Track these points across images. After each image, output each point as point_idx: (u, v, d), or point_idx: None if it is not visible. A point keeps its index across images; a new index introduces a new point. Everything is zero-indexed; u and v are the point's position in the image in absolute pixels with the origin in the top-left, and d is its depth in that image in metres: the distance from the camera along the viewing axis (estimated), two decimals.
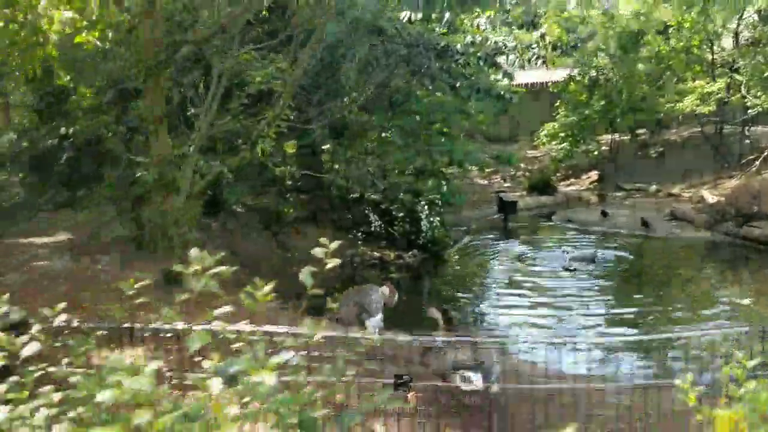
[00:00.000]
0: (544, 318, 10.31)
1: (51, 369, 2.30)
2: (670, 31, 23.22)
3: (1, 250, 9.07)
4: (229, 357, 2.06)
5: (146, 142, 8.70)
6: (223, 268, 2.02)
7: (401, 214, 14.64)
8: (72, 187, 9.77)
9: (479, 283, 13.32)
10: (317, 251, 2.39)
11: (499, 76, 11.04)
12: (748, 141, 21.44)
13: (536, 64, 11.28)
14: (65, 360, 2.50)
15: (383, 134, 13.15)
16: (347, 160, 13.61)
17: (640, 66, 23.41)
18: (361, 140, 12.48)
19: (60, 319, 2.29)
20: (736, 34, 21.75)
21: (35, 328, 2.33)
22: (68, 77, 10.69)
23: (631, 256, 14.23)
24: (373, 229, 14.08)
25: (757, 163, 18.33)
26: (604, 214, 17.72)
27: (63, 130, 9.78)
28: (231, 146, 7.51)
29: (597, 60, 24.11)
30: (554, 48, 10.68)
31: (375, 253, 14.08)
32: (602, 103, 24.43)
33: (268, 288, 2.35)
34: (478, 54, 10.12)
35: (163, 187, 6.88)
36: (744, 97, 18.50)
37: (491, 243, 16.26)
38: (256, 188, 13.36)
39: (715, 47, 22.63)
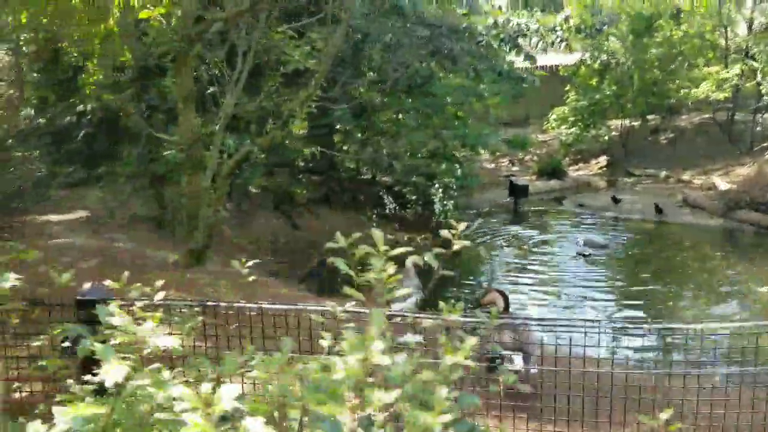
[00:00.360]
0: (556, 302, 10.28)
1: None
2: (681, 16, 23.01)
3: (19, 226, 9.03)
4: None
5: (167, 120, 8.63)
6: None
7: (414, 197, 14.60)
8: (89, 165, 9.70)
9: (491, 267, 13.30)
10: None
11: (520, 58, 10.91)
12: (759, 128, 21.33)
13: (560, 47, 11.16)
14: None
15: (398, 116, 13.04)
16: (362, 141, 13.54)
17: (653, 51, 23.22)
18: (378, 122, 12.38)
19: (158, 297, 2.23)
20: (751, 20, 21.54)
21: (113, 305, 2.27)
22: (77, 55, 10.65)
23: (645, 242, 14.20)
24: (387, 211, 14.01)
25: None
26: (615, 200, 17.65)
27: (81, 107, 9.69)
28: (262, 126, 7.41)
29: (608, 44, 23.92)
30: (578, 31, 10.53)
31: (388, 235, 14.03)
32: (613, 87, 24.26)
33: None
34: (501, 36, 9.99)
35: (191, 167, 6.81)
36: (759, 83, 18.33)
37: (503, 227, 16.21)
38: (269, 168, 13.31)
39: (729, 33, 22.43)
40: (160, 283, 2.32)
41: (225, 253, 10.43)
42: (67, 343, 2.35)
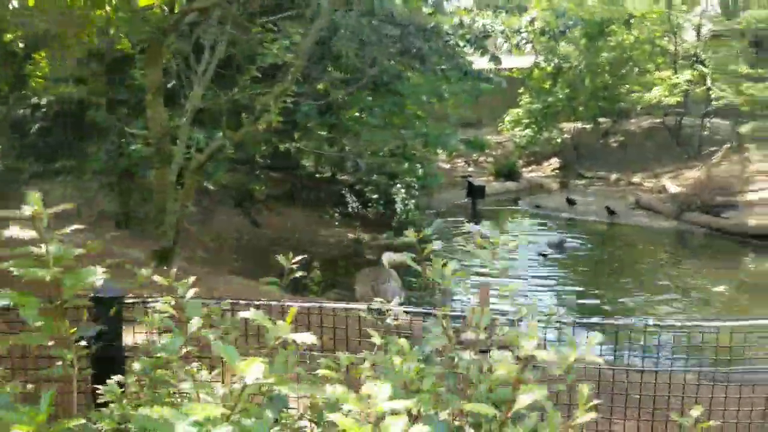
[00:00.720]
0: (516, 301, 10.29)
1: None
2: (631, 22, 23.62)
3: None
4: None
5: (132, 113, 8.34)
6: None
7: (375, 196, 14.54)
8: (45, 159, 9.29)
9: (452, 266, 13.31)
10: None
11: (485, 59, 10.97)
12: (707, 133, 22.05)
13: (525, 48, 11.30)
14: None
15: (362, 114, 12.97)
16: (325, 138, 13.41)
17: (604, 55, 23.77)
18: (344, 119, 12.28)
19: (189, 294, 2.10)
20: (698, 27, 22.25)
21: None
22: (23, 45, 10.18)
23: (600, 243, 14.49)
24: (350, 210, 13.92)
25: (719, 154, 18.83)
26: (570, 201, 17.94)
27: (35, 99, 9.29)
28: (236, 120, 7.20)
29: (561, 48, 24.35)
30: (542, 33, 10.68)
31: (350, 234, 13.95)
32: (566, 90, 24.76)
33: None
34: (467, 36, 10.02)
35: (159, 161, 6.58)
36: (708, 89, 18.95)
37: (462, 227, 16.29)
38: (230, 165, 13.07)
39: (677, 39, 23.12)
40: (192, 278, 2.19)
41: (190, 250, 10.19)
42: (83, 343, 2.19)
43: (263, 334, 3.12)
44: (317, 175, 16.80)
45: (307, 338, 1.32)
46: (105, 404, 2.08)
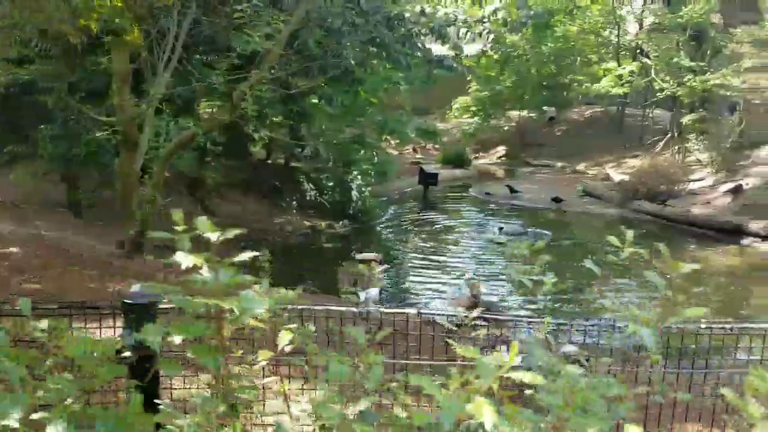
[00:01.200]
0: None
1: None
2: (576, 13, 24.13)
3: None
4: None
5: (91, 100, 7.99)
6: None
7: (331, 184, 14.43)
8: None
9: (408, 254, 13.36)
10: None
11: (446, 48, 10.99)
12: (647, 122, 22.77)
13: (488, 38, 11.36)
14: None
15: (319, 102, 12.81)
16: (280, 125, 13.19)
17: (550, 44, 24.19)
18: (308, 107, 12.12)
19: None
20: (641, 19, 22.87)
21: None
22: None
23: (551, 230, 14.76)
24: (308, 198, 13.77)
25: (661, 144, 19.46)
26: (511, 189, 18.13)
27: None
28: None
29: (508, 37, 24.65)
30: (505, 24, 10.75)
31: (306, 222, 13.81)
32: (513, 79, 25.11)
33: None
34: (431, 25, 10.00)
35: (126, 149, 6.34)
36: (653, 80, 19.52)
37: (416, 214, 16.38)
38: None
39: (620, 31, 23.72)
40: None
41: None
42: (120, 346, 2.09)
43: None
44: (268, 162, 16.55)
45: None
46: None
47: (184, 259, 1.39)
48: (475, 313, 2.55)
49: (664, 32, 19.73)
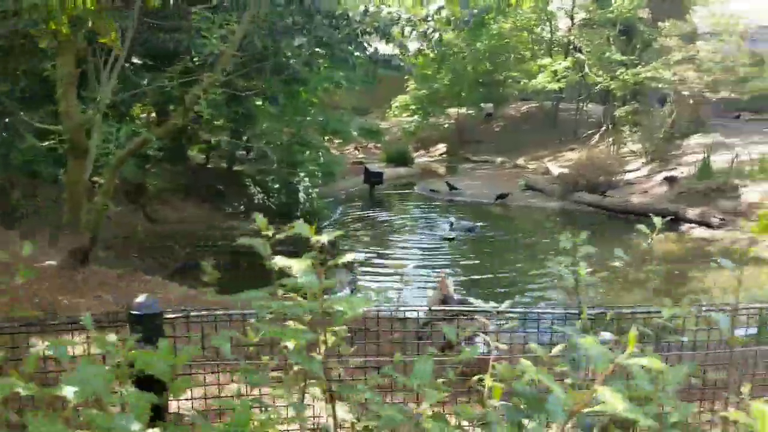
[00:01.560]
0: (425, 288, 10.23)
1: None
2: (508, 10, 24.56)
3: None
4: None
5: (27, 105, 7.63)
6: None
7: (276, 186, 14.24)
8: None
9: (360, 253, 13.32)
10: None
11: (390, 47, 11.00)
12: (580, 116, 23.40)
13: (433, 37, 11.39)
14: None
15: (262, 103, 12.62)
16: (226, 129, 12.93)
17: (485, 42, 24.55)
18: (252, 108, 11.90)
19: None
20: (572, 15, 23.46)
21: None
22: None
23: (497, 224, 14.98)
24: (256, 201, 13.55)
25: (596, 137, 20.02)
26: (450, 186, 18.33)
27: None
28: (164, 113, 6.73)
29: (444, 35, 24.88)
30: (448, 22, 10.82)
31: (253, 225, 13.57)
32: (450, 77, 25.38)
33: None
34: (375, 24, 9.98)
35: (74, 156, 6.07)
36: (586, 75, 20.05)
37: (363, 213, 16.34)
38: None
39: (552, 27, 24.30)
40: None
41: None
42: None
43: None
44: (208, 166, 16.24)
45: None
46: None
47: (292, 263, 1.33)
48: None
49: (594, 28, 20.30)
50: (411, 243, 13.16)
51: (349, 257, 5.52)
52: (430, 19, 10.48)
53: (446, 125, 26.25)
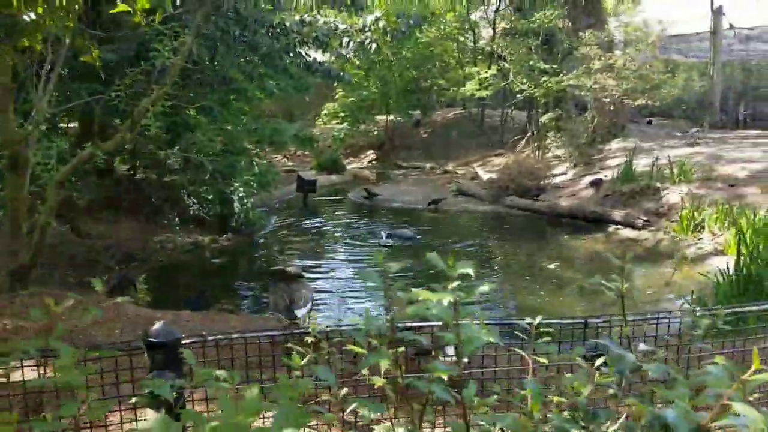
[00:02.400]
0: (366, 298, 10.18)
1: None
2: (431, 19, 25.02)
3: None
4: None
5: None
6: None
7: (210, 197, 13.98)
8: None
9: (296, 263, 13.23)
10: None
11: (326, 56, 11.04)
12: (506, 122, 24.07)
13: (370, 48, 11.48)
14: None
15: (197, 113, 12.39)
16: (155, 138, 12.59)
17: (411, 50, 24.91)
18: (190, 119, 11.66)
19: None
20: (494, 25, 24.12)
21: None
22: None
23: (433, 230, 15.20)
24: (192, 212, 13.26)
25: (522, 142, 20.62)
26: (369, 194, 18.47)
27: None
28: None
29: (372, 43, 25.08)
30: (385, 32, 10.94)
31: (188, 238, 13.28)
32: (378, 85, 25.60)
33: None
34: (314, 34, 9.97)
35: (12, 172, 5.80)
36: (511, 83, 20.63)
37: (298, 222, 16.26)
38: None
39: (476, 36, 24.90)
40: None
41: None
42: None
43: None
44: (137, 177, 15.78)
45: None
46: None
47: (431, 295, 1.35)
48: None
49: (517, 37, 20.93)
50: (348, 252, 13.19)
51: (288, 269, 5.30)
52: (367, 29, 10.57)
53: (375, 132, 26.44)
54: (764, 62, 25.34)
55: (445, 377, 1.44)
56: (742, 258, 7.70)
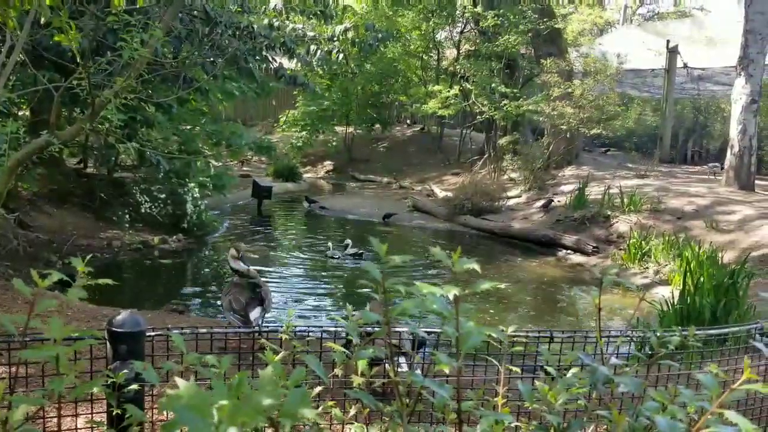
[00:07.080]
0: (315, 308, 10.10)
1: None
2: (396, 34, 25.23)
3: None
4: None
5: None
6: None
7: (162, 196, 13.71)
8: None
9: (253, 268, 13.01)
10: None
11: (293, 63, 10.97)
12: (464, 142, 24.35)
13: (338, 57, 11.43)
14: None
15: (156, 111, 12.16)
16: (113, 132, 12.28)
17: (375, 64, 25.03)
18: (152, 117, 11.42)
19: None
20: (458, 45, 24.44)
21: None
22: None
23: (388, 244, 15.19)
24: (143, 210, 12.96)
25: (479, 163, 20.86)
26: (309, 201, 18.50)
27: None
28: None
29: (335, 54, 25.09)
30: (353, 44, 10.95)
31: (137, 237, 12.97)
32: (339, 96, 25.61)
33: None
34: (282, 39, 9.91)
35: None
36: (473, 103, 20.88)
37: (250, 228, 16.07)
38: None
39: (440, 55, 25.18)
40: None
41: None
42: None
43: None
44: (86, 171, 15.39)
45: None
46: None
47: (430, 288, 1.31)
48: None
49: (480, 60, 21.24)
50: (297, 260, 13.07)
51: (242, 267, 5.19)
52: (335, 39, 10.58)
53: (334, 143, 26.40)
54: (713, 102, 26.32)
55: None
56: (687, 288, 7.90)
